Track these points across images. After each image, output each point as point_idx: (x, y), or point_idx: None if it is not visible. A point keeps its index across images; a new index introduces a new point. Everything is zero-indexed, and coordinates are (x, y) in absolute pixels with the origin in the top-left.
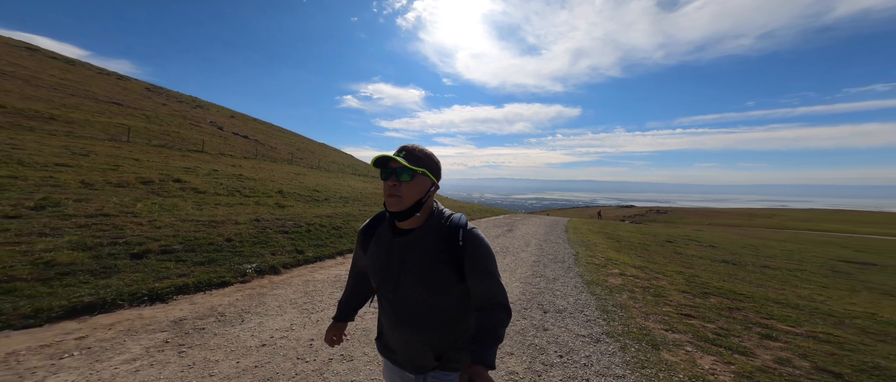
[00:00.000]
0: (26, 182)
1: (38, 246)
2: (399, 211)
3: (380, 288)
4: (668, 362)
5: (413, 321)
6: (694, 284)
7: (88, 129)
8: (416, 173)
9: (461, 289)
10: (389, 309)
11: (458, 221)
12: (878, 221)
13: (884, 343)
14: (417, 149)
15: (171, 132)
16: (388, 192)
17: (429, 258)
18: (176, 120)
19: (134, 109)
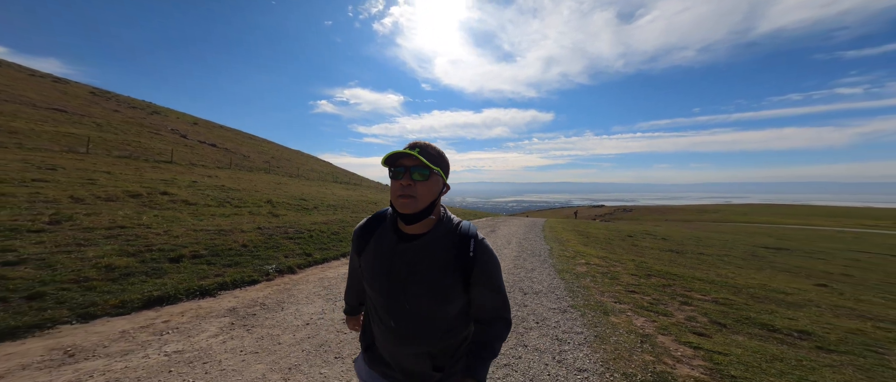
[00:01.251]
0: (17, 198)
1: (89, 254)
2: (413, 212)
3: (381, 297)
4: (614, 322)
5: (415, 333)
6: (641, 269)
7: (37, 140)
8: (432, 171)
9: (465, 300)
10: (389, 318)
11: (469, 230)
12: (801, 213)
13: (761, 303)
14: (431, 146)
15: (130, 142)
16: (401, 192)
17: (438, 267)
18: (132, 128)
19: (81, 116)
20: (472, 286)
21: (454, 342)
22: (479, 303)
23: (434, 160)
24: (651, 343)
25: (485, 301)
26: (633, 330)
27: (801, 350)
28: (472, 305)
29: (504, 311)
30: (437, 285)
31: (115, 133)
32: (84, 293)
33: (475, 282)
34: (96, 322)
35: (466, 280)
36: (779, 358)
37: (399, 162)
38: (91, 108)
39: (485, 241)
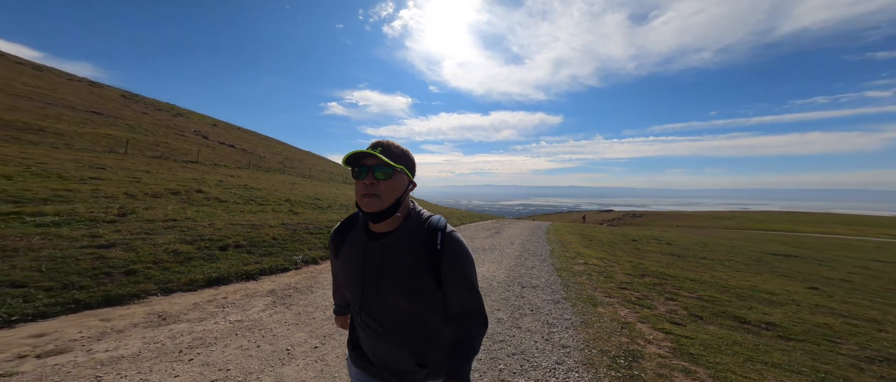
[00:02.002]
0: (82, 193)
1: (158, 241)
2: (378, 211)
3: (357, 297)
4: (600, 312)
5: (394, 331)
6: (637, 269)
7: (80, 141)
8: (396, 170)
9: (440, 297)
10: (367, 318)
11: (437, 224)
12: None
13: (743, 301)
14: (393, 144)
15: (160, 143)
16: (364, 191)
17: (408, 262)
18: (160, 129)
19: (115, 119)
20: (443, 279)
21: (436, 338)
22: (451, 298)
23: (397, 158)
24: (629, 329)
25: (456, 295)
26: (617, 319)
27: (763, 338)
28: (447, 300)
29: (477, 305)
30: (408, 281)
31: (146, 134)
32: (162, 271)
33: (445, 276)
34: (173, 295)
35: (436, 274)
36: (738, 343)
37: (361, 161)
38: (123, 111)
39: (454, 233)
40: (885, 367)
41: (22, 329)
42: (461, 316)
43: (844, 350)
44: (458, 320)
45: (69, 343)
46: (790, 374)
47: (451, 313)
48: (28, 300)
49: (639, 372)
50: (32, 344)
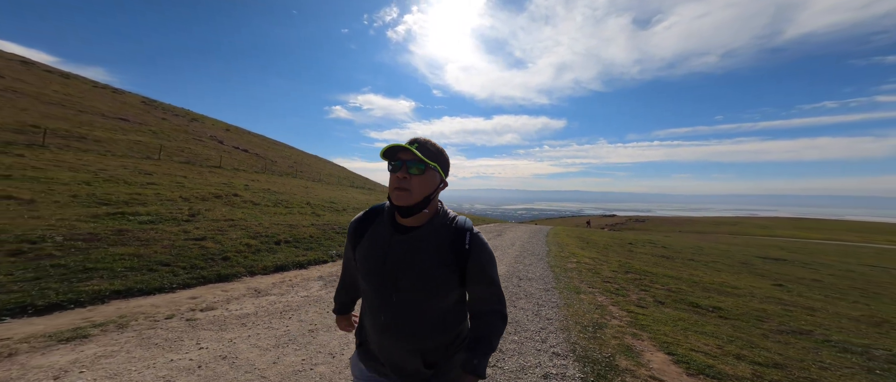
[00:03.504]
0: (148, 197)
1: (232, 235)
2: (407, 205)
3: (374, 289)
4: (581, 298)
5: (407, 327)
6: (623, 267)
7: (115, 147)
8: (429, 166)
9: (459, 294)
10: (382, 312)
11: (465, 224)
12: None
13: (706, 292)
14: (429, 142)
15: (184, 149)
16: (397, 185)
17: (432, 259)
18: (180, 135)
19: (139, 125)
20: (467, 279)
21: (446, 339)
22: (475, 297)
23: (431, 155)
24: (601, 309)
25: (480, 294)
26: (594, 303)
27: (706, 317)
28: (469, 298)
29: (499, 305)
30: (430, 277)
31: (169, 140)
32: (244, 258)
33: (470, 275)
34: (257, 276)
35: (461, 272)
36: (683, 320)
37: (397, 156)
38: (146, 117)
39: (480, 235)
40: (787, 336)
41: (180, 294)
42: (482, 313)
43: (764, 326)
44: (479, 318)
45: (212, 303)
46: (709, 337)
47: (472, 311)
48: (176, 275)
49: (600, 335)
50: (193, 304)
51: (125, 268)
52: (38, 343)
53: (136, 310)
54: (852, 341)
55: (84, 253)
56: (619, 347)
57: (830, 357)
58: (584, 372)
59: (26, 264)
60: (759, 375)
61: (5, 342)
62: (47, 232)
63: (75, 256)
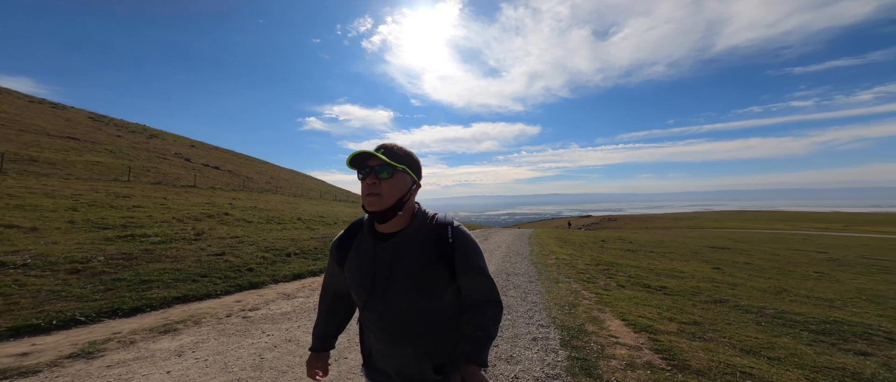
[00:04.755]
0: (141, 219)
1: (247, 250)
2: (380, 210)
3: (366, 299)
4: (560, 286)
5: (408, 332)
6: (595, 261)
7: (77, 170)
8: (397, 170)
9: (453, 290)
10: (379, 323)
11: (445, 219)
12: (765, 218)
13: (656, 276)
14: (396, 146)
15: (150, 168)
16: (367, 191)
17: (418, 260)
18: (141, 153)
19: (92, 143)
20: (457, 273)
21: (450, 337)
22: (467, 288)
23: (399, 158)
24: (576, 293)
25: (472, 285)
26: (570, 289)
27: (653, 294)
28: (462, 292)
29: (493, 293)
30: (421, 278)
31: (131, 159)
32: (265, 269)
33: (459, 268)
34: (280, 283)
35: (450, 267)
36: (637, 297)
37: (365, 163)
38: (97, 135)
39: (462, 227)
40: (710, 305)
41: (226, 299)
42: (476, 302)
43: (696, 299)
44: (474, 308)
45: (255, 305)
46: (653, 308)
47: (467, 302)
48: (215, 284)
49: (573, 311)
50: (240, 306)
51: (173, 280)
52: (144, 335)
53: (198, 312)
54: (754, 305)
55: (131, 269)
56: (588, 318)
57: (735, 317)
58: (562, 336)
59: (90, 279)
60: (682, 329)
61: (118, 334)
62: (87, 254)
63: (126, 272)
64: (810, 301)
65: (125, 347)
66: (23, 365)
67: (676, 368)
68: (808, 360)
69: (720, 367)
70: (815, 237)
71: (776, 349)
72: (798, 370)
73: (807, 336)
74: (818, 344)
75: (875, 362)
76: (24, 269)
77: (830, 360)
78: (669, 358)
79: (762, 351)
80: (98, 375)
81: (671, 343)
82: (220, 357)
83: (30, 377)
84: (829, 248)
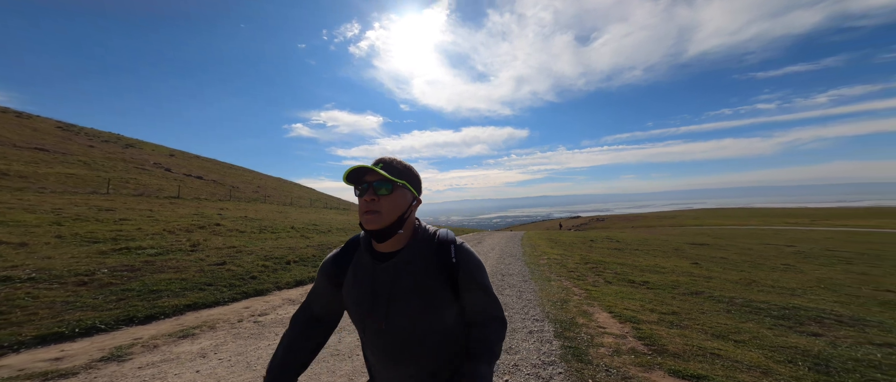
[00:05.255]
0: (130, 232)
1: (247, 260)
2: (379, 228)
3: (369, 322)
4: (552, 283)
5: (409, 353)
6: (584, 259)
7: (51, 182)
8: (397, 185)
9: (457, 309)
10: (380, 344)
11: (447, 237)
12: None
13: (640, 271)
14: (395, 160)
15: (129, 180)
16: (365, 209)
17: (421, 279)
18: (117, 164)
19: (63, 154)
20: (461, 291)
21: (453, 357)
22: (470, 307)
23: (398, 173)
24: (567, 290)
25: (476, 303)
26: (561, 286)
27: (637, 289)
28: (466, 310)
29: (497, 311)
30: (423, 297)
31: (105, 171)
32: (267, 276)
33: (463, 287)
34: (283, 290)
35: (454, 286)
36: (622, 292)
37: (363, 178)
38: (67, 145)
39: (465, 245)
40: (687, 296)
41: (234, 305)
42: (480, 323)
43: (675, 291)
44: (478, 327)
45: (264, 310)
46: (636, 301)
47: (471, 321)
48: (222, 292)
49: (565, 306)
50: (249, 312)
51: (181, 289)
52: (165, 339)
53: (210, 318)
54: (725, 295)
55: (137, 279)
56: (578, 312)
57: (708, 306)
58: (555, 328)
59: (100, 290)
60: (662, 319)
61: (140, 340)
62: (89, 267)
63: (133, 282)
64: (775, 290)
65: (150, 351)
66: (60, 368)
67: (656, 352)
68: (767, 341)
69: (693, 350)
70: (784, 231)
71: (742, 333)
72: (759, 350)
73: (769, 321)
74: (778, 328)
75: (823, 341)
76: (31, 283)
77: (786, 341)
78: (650, 344)
79: (730, 335)
80: (133, 375)
81: (652, 331)
82: (241, 357)
83: (70, 378)
84: (797, 242)
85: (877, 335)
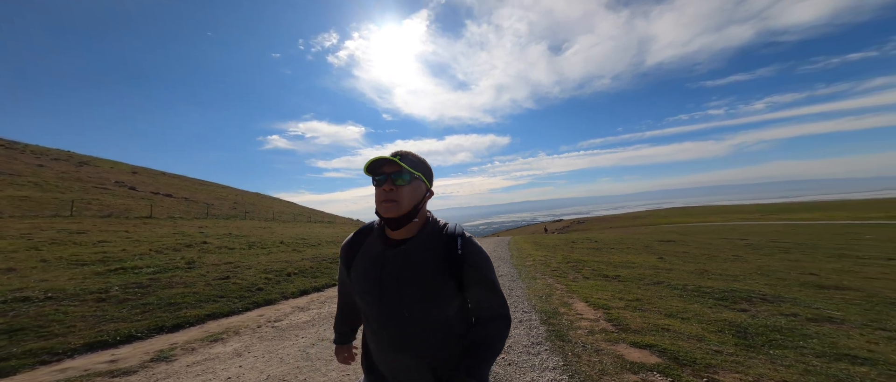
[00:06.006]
0: (115, 253)
1: (248, 274)
2: (396, 216)
3: (371, 306)
4: (537, 281)
5: (411, 341)
6: (565, 259)
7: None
8: (414, 177)
9: (460, 302)
10: (383, 330)
11: (456, 230)
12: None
13: (613, 267)
14: (411, 153)
15: (91, 200)
16: (384, 198)
17: (427, 268)
18: (73, 184)
19: (10, 176)
20: (465, 284)
21: (454, 350)
22: (475, 302)
23: (415, 165)
24: (550, 286)
25: (480, 298)
26: (545, 283)
27: (610, 282)
28: (470, 304)
29: (501, 308)
30: (428, 286)
31: (61, 191)
32: (273, 287)
33: (467, 280)
34: (290, 299)
35: (458, 279)
36: (597, 285)
37: (381, 169)
38: (13, 165)
39: (473, 239)
40: (650, 286)
41: (249, 314)
42: (484, 318)
43: (641, 282)
44: (481, 323)
45: (278, 317)
46: (608, 292)
47: (475, 315)
48: (234, 303)
49: (549, 299)
50: (264, 319)
51: (196, 301)
52: (199, 344)
53: (231, 325)
54: (680, 283)
55: (151, 294)
56: (560, 303)
57: (665, 293)
58: (541, 316)
59: (120, 305)
60: (628, 305)
61: (177, 345)
62: (98, 286)
63: (149, 297)
64: (721, 278)
65: (189, 353)
66: (119, 368)
67: (621, 330)
68: (705, 317)
69: (650, 327)
70: (739, 227)
71: (688, 312)
72: (698, 324)
73: (711, 301)
74: (716, 307)
75: (747, 315)
76: (52, 301)
77: (719, 316)
78: (617, 325)
79: (678, 314)
80: (184, 372)
81: (619, 314)
82: (272, 354)
83: (131, 376)
84: (749, 235)
85: (788, 308)
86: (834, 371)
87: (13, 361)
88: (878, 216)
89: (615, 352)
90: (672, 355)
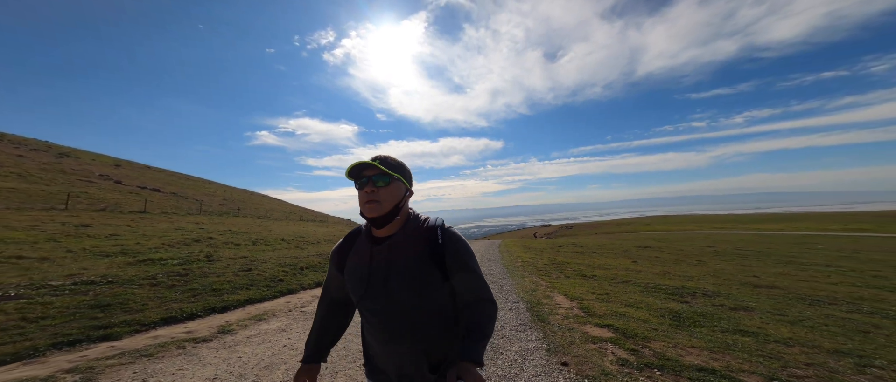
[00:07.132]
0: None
1: (266, 267)
2: (379, 215)
3: (364, 299)
4: (525, 280)
5: (403, 330)
6: (551, 261)
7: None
8: (393, 178)
9: (448, 290)
10: (376, 321)
11: (436, 222)
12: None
13: (592, 268)
14: (390, 157)
15: (79, 194)
16: (366, 199)
17: (412, 259)
18: (56, 176)
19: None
20: (449, 271)
21: (446, 337)
22: (460, 288)
23: (393, 168)
24: (536, 283)
25: (464, 284)
26: (532, 281)
27: (587, 280)
28: (456, 292)
29: (485, 292)
30: (414, 276)
31: (46, 183)
32: (291, 278)
33: (450, 266)
34: (308, 290)
35: (441, 267)
36: (576, 283)
37: (362, 173)
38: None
39: (452, 228)
40: (620, 284)
41: (278, 300)
42: (471, 303)
43: (613, 281)
44: (469, 308)
45: (303, 304)
46: (584, 288)
47: (461, 302)
48: (262, 291)
49: (534, 293)
50: (292, 305)
51: (233, 288)
52: (248, 322)
53: (266, 309)
54: (646, 282)
55: (194, 281)
56: (543, 296)
57: (630, 289)
58: (527, 305)
59: (171, 290)
60: (598, 297)
61: (230, 322)
62: (145, 274)
63: (192, 283)
64: (679, 278)
65: (244, 328)
66: (196, 337)
67: (589, 315)
68: (654, 307)
69: (611, 313)
70: (712, 235)
71: (642, 303)
72: (647, 311)
73: (662, 295)
74: (666, 300)
75: (686, 305)
76: (114, 285)
77: (664, 306)
78: (587, 312)
79: (635, 304)
80: (246, 341)
81: (589, 304)
82: None
83: (209, 342)
84: (718, 243)
85: (721, 301)
86: (727, 339)
87: (114, 329)
88: (836, 228)
89: (582, 330)
90: (622, 331)
